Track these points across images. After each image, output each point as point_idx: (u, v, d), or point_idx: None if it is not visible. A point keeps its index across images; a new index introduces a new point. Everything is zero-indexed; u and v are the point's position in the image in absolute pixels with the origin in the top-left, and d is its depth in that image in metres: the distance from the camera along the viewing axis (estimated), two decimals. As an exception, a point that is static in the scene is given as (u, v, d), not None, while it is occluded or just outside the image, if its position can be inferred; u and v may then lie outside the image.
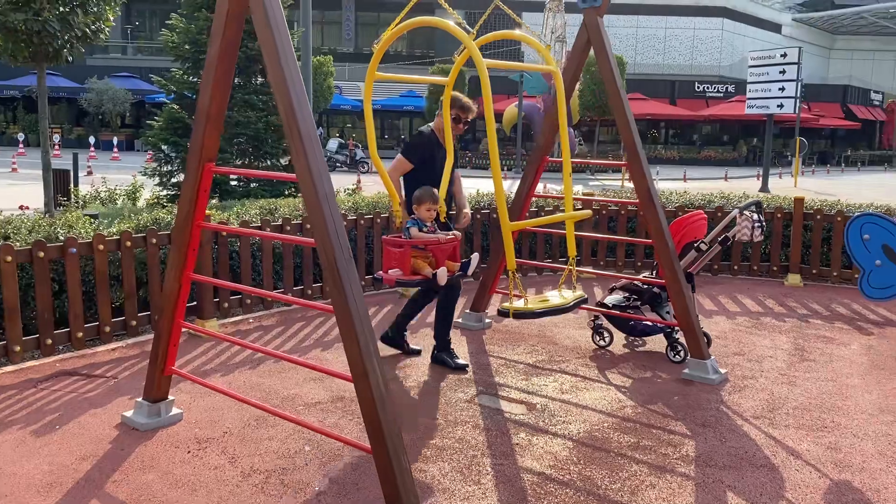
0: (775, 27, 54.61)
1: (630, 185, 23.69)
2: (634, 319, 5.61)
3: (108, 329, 5.46)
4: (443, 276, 4.48)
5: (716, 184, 27.04)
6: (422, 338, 5.97)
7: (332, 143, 31.66)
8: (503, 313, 3.99)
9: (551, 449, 3.99)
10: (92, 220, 7.56)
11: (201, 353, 5.53)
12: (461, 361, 5.27)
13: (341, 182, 19.31)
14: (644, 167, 5.23)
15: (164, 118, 12.28)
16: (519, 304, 3.98)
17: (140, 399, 4.25)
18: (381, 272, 4.63)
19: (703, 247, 5.34)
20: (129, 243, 5.50)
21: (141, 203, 13.04)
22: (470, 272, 4.71)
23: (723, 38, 49.66)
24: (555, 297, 4.23)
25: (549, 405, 4.62)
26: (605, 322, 5.83)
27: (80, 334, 5.32)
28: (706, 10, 48.24)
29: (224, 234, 6.15)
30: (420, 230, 4.66)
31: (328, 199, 3.11)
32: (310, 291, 6.90)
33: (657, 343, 5.91)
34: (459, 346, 5.79)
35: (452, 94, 4.91)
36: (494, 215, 7.95)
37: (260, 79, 12.88)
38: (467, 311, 6.40)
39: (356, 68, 44.89)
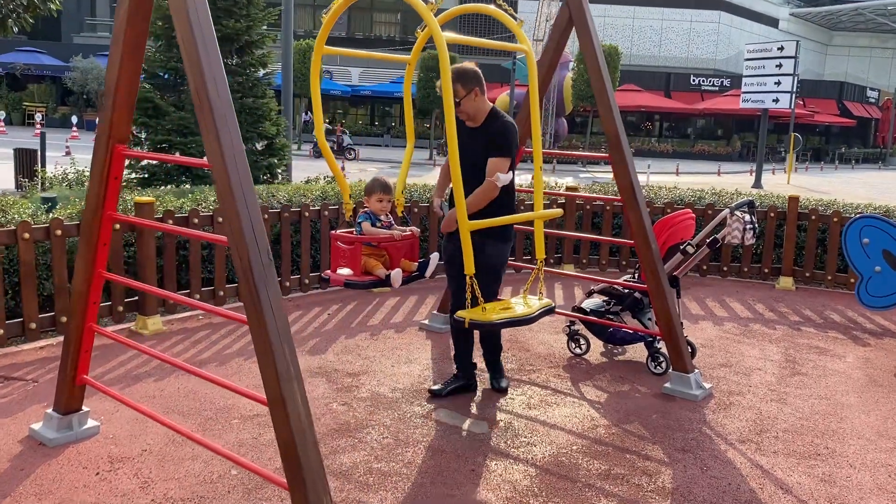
0: (773, 21, 54.18)
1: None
2: (613, 326, 5.15)
3: (33, 326, 4.96)
4: (397, 278, 4.00)
5: (708, 178, 26.61)
6: (424, 341, 5.50)
7: (320, 129, 30.98)
8: (458, 322, 3.52)
9: (511, 477, 3.53)
10: (43, 204, 7.06)
11: (137, 353, 5.03)
12: (504, 383, 4.65)
13: (325, 168, 18.79)
14: (627, 160, 4.75)
15: (133, 98, 11.69)
16: (476, 312, 3.51)
17: (50, 410, 3.76)
18: (328, 271, 4.14)
19: (690, 249, 4.87)
20: (59, 232, 5.00)
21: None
22: (428, 273, 4.23)
23: (719, 31, 49.19)
24: (519, 304, 3.76)
25: (513, 423, 4.15)
26: (581, 328, 5.37)
27: (1, 331, 4.82)
28: (703, 3, 47.69)
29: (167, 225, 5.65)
30: (373, 225, 4.17)
31: (243, 191, 2.61)
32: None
33: (638, 351, 5.46)
34: (422, 350, 5.31)
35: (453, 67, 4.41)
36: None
37: (236, 58, 12.34)
38: (434, 311, 5.92)
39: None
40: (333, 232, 4.19)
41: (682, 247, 4.93)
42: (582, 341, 5.34)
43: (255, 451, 3.67)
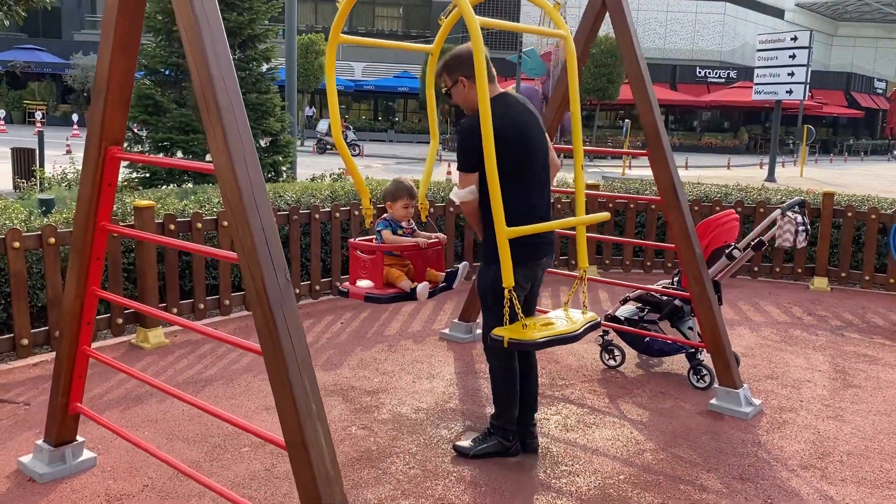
0: (778, 13, 53.64)
1: (633, 173, 22.78)
2: (651, 337, 4.77)
3: (25, 342, 4.59)
4: (423, 291, 3.63)
5: (718, 172, 26.17)
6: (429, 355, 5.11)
7: (323, 124, 30.58)
8: (496, 341, 3.13)
9: (555, 514, 3.15)
10: (40, 207, 6.68)
11: (140, 369, 4.66)
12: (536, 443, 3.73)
13: (330, 165, 18.41)
14: (668, 156, 4.36)
15: (133, 95, 11.32)
16: (516, 329, 3.12)
17: (40, 441, 3.39)
18: (346, 283, 3.77)
19: (737, 253, 4.49)
20: (52, 240, 4.62)
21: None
22: (456, 285, 3.86)
23: (725, 22, 48.69)
24: (560, 319, 3.37)
25: (551, 448, 3.77)
26: (615, 338, 4.99)
27: (-10, 348, 4.46)
28: (708, -7, 47.17)
29: (173, 229, 5.27)
30: (394, 233, 3.79)
31: (256, 203, 2.24)
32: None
33: (676, 362, 5.08)
34: (445, 364, 4.94)
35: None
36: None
37: (238, 53, 11.95)
38: (455, 320, 5.54)
39: (350, 48, 43.71)
40: (352, 241, 3.82)
41: (727, 250, 4.54)
42: (616, 352, 4.96)
43: (267, 486, 3.30)
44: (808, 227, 4.45)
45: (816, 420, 4.24)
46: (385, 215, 3.88)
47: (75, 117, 33.29)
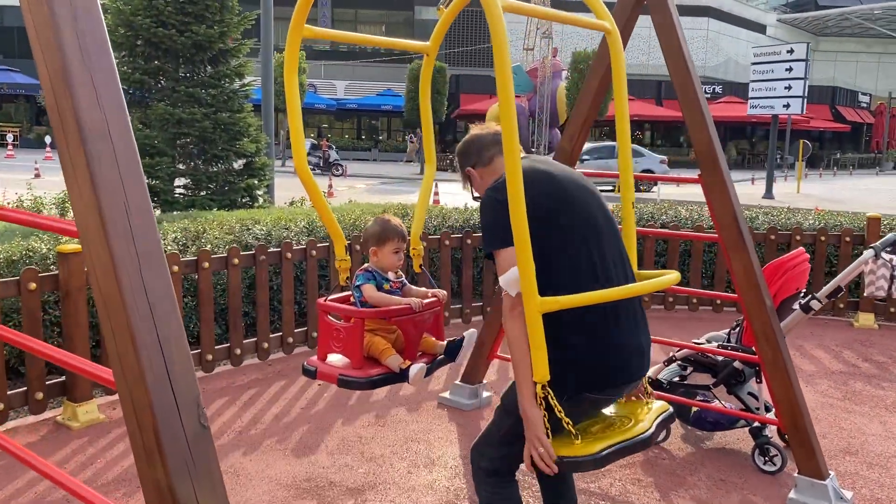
0: (760, 28, 53.81)
1: (645, 194, 21.92)
2: (703, 408, 3.83)
3: None
4: (418, 375, 2.68)
5: (712, 189, 25.40)
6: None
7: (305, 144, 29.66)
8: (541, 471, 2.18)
9: None
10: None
11: (60, 460, 3.65)
12: None
13: (310, 187, 17.42)
14: (727, 184, 3.47)
15: (91, 114, 10.33)
16: (565, 443, 2.17)
17: None
18: (313, 359, 2.82)
19: (816, 305, 3.57)
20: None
21: (72, 215, 11.08)
22: (460, 359, 2.91)
23: (708, 37, 48.68)
24: (623, 418, 2.42)
25: (597, 579, 2.82)
26: (657, 406, 4.05)
27: None
28: (691, 10, 46.92)
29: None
30: (379, 289, 2.84)
31: (145, 282, 1.28)
32: (238, 351, 5.04)
33: (732, 434, 4.14)
34: (447, 443, 3.97)
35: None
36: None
37: (209, 68, 11.01)
38: (457, 381, 4.58)
39: (332, 66, 42.91)
40: (322, 300, 2.85)
41: (801, 300, 3.63)
42: (659, 425, 4.01)
43: None
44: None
45: (926, 518, 3.32)
46: (367, 265, 2.93)
47: (48, 139, 32.16)
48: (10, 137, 33.51)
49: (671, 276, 2.39)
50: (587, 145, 24.75)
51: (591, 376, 2.17)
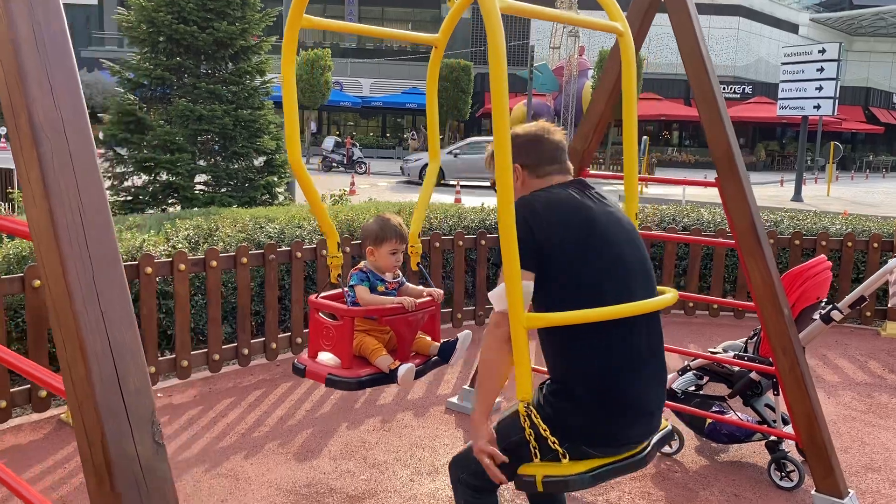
0: (793, 27, 52.82)
1: (650, 191, 21.67)
2: (718, 420, 3.70)
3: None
4: (407, 376, 2.60)
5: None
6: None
7: (329, 142, 29.72)
8: (528, 482, 2.08)
9: None
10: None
11: (70, 453, 3.63)
12: None
13: (335, 183, 17.42)
14: (746, 189, 3.32)
15: (114, 111, 10.43)
16: (551, 465, 2.06)
17: None
18: (303, 356, 2.76)
19: (837, 315, 3.42)
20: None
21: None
22: (453, 361, 2.82)
23: (738, 37, 47.90)
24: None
25: None
26: (670, 416, 3.92)
27: None
28: (722, 9, 46.25)
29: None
30: (373, 290, 2.76)
31: (100, 297, 1.21)
32: (246, 351, 4.99)
33: (748, 447, 4.00)
34: (452, 450, 3.88)
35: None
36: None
37: (230, 65, 11.03)
38: (466, 386, 4.49)
39: (358, 64, 42.98)
40: (313, 297, 2.79)
41: (822, 310, 3.48)
42: (674, 437, 3.89)
43: None
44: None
45: (951, 541, 3.16)
46: (362, 264, 2.86)
47: (3, 130, 32.53)
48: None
49: (668, 297, 2.25)
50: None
51: (593, 437, 2.09)
